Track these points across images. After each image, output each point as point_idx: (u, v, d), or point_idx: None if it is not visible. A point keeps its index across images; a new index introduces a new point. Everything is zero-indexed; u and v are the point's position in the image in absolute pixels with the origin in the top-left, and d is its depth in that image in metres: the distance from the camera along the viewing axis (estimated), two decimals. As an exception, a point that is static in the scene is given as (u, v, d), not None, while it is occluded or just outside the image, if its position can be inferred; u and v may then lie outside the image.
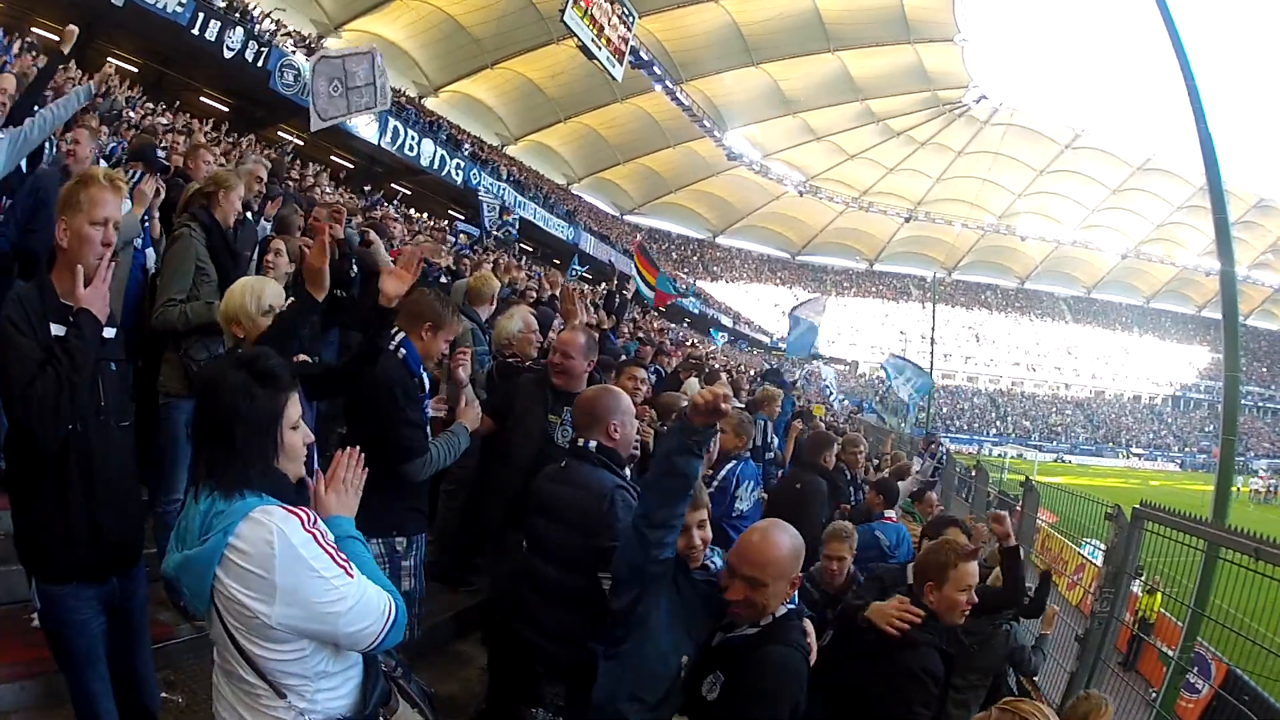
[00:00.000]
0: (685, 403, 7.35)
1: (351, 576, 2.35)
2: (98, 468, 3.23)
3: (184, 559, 2.31)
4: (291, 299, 4.07)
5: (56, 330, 3.13)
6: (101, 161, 9.05)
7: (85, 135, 6.70)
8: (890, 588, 4.50)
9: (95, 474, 3.23)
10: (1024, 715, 2.67)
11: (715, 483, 6.17)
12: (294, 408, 2.56)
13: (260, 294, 3.89)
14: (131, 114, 18.17)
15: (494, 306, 7.46)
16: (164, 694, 4.35)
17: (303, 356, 4.45)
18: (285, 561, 2.24)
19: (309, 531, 2.32)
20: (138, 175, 6.82)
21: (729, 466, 6.26)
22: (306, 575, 2.26)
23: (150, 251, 6.18)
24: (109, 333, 3.36)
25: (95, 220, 3.22)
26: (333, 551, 2.35)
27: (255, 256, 6.04)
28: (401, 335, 4.56)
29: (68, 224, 3.20)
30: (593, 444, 4.01)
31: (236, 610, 2.26)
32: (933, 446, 24.38)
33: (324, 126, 11.51)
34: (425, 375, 4.65)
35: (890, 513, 7.44)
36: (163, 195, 6.60)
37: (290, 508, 2.35)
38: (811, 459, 7.84)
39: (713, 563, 3.71)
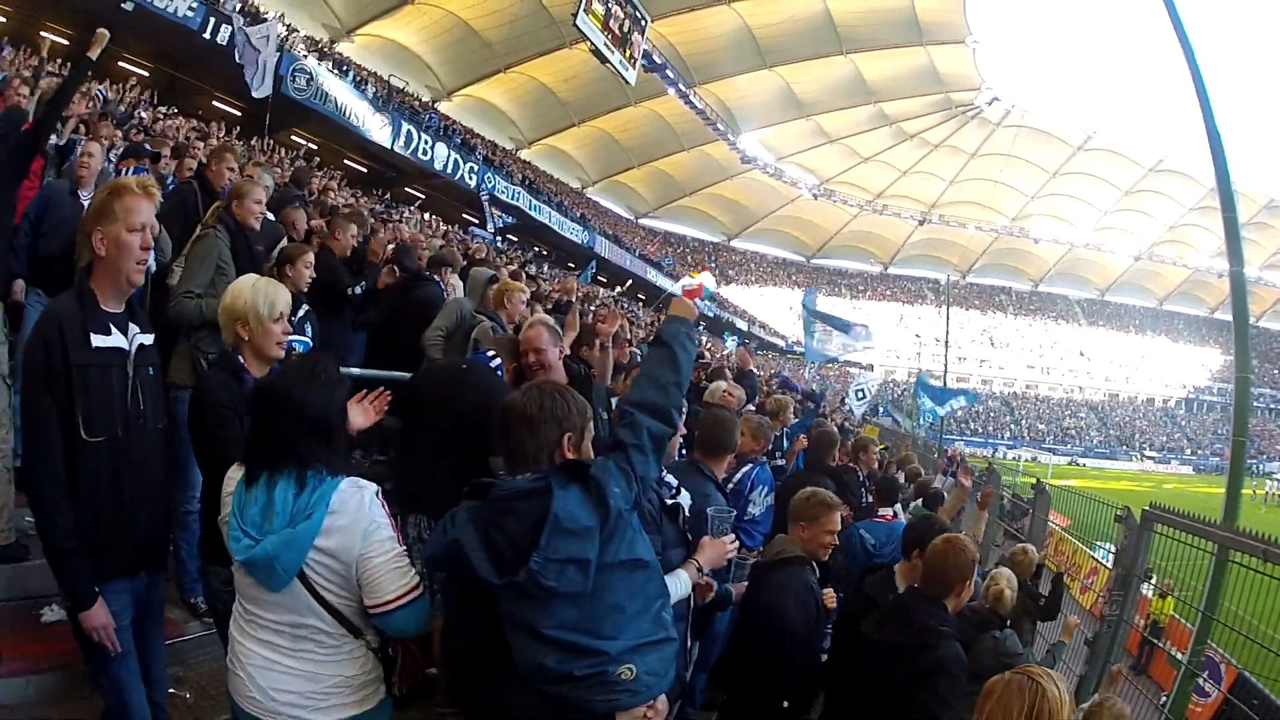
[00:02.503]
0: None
1: (401, 545, 2.80)
2: (136, 470, 3.34)
3: (290, 537, 2.65)
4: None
5: (99, 341, 3.21)
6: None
7: (97, 149, 6.74)
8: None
9: (134, 476, 3.33)
10: (1035, 677, 2.67)
11: (731, 484, 6.15)
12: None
13: (274, 300, 3.85)
14: (144, 115, 18.28)
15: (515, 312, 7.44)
16: (172, 690, 4.38)
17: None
18: (372, 518, 2.72)
19: (382, 502, 2.79)
20: (133, 171, 6.89)
21: (745, 469, 6.24)
22: (381, 532, 2.73)
23: (149, 252, 6.22)
24: (146, 339, 3.46)
25: (133, 227, 3.29)
26: (392, 523, 2.80)
27: (275, 263, 6.05)
28: (499, 360, 5.11)
29: (104, 233, 3.24)
30: None
31: (330, 566, 2.69)
32: (955, 464, 24.02)
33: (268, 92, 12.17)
34: None
35: (886, 510, 7.39)
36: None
37: (370, 483, 2.82)
38: (818, 461, 7.87)
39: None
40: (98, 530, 3.19)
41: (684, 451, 5.18)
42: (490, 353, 5.11)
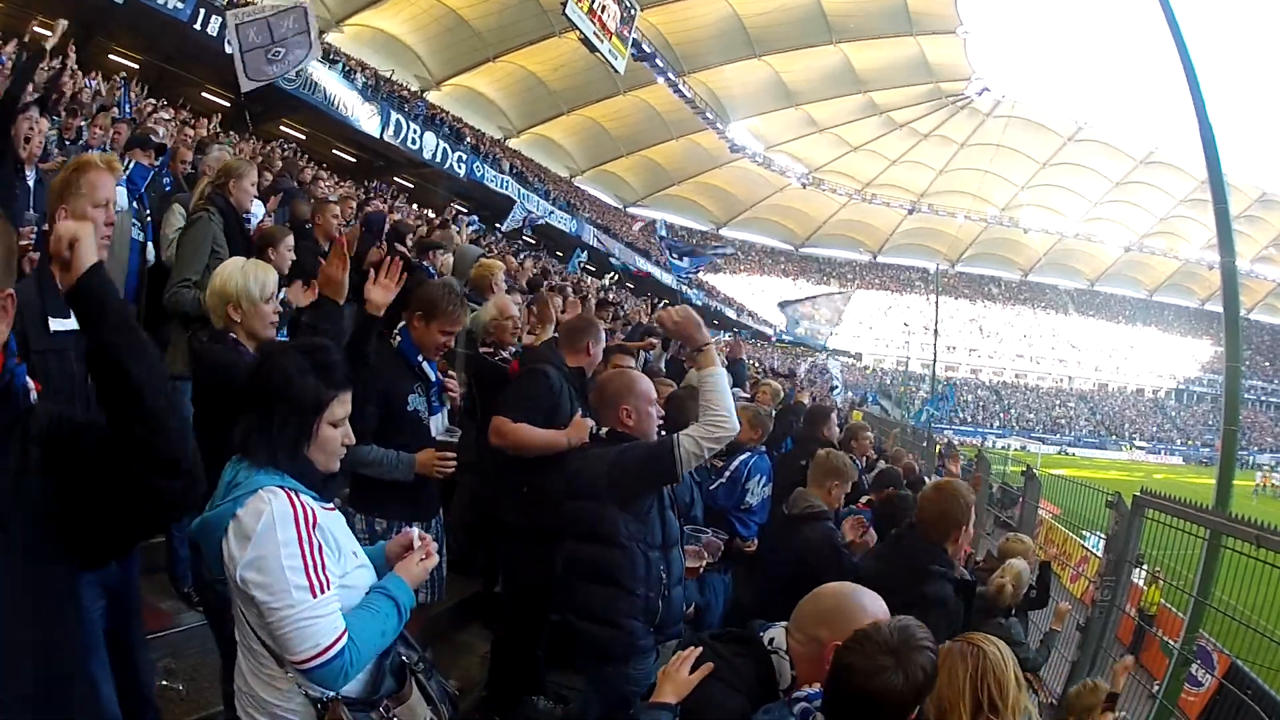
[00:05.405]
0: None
1: (314, 596, 2.33)
2: None
3: (202, 521, 2.43)
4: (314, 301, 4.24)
5: (57, 325, 3.14)
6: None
7: (45, 123, 6.56)
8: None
9: None
10: (975, 642, 2.69)
11: (728, 473, 6.13)
12: (340, 406, 2.61)
13: (265, 281, 3.87)
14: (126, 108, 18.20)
15: (503, 292, 7.39)
16: (164, 681, 4.35)
17: None
18: (264, 540, 2.29)
19: (298, 530, 2.36)
20: (137, 165, 6.80)
21: (741, 458, 6.21)
22: (273, 563, 2.29)
23: (150, 244, 6.17)
24: None
25: (98, 203, 3.26)
26: (310, 562, 2.35)
27: (257, 246, 6.03)
28: (401, 323, 4.65)
29: (69, 210, 3.16)
30: (604, 431, 4.10)
31: (229, 574, 2.34)
32: (951, 455, 23.66)
33: (254, 88, 11.74)
34: (426, 365, 4.58)
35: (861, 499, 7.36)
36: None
37: (296, 502, 2.38)
38: (811, 433, 7.83)
39: None
40: None
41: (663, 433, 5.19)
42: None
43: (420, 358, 4.53)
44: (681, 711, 2.67)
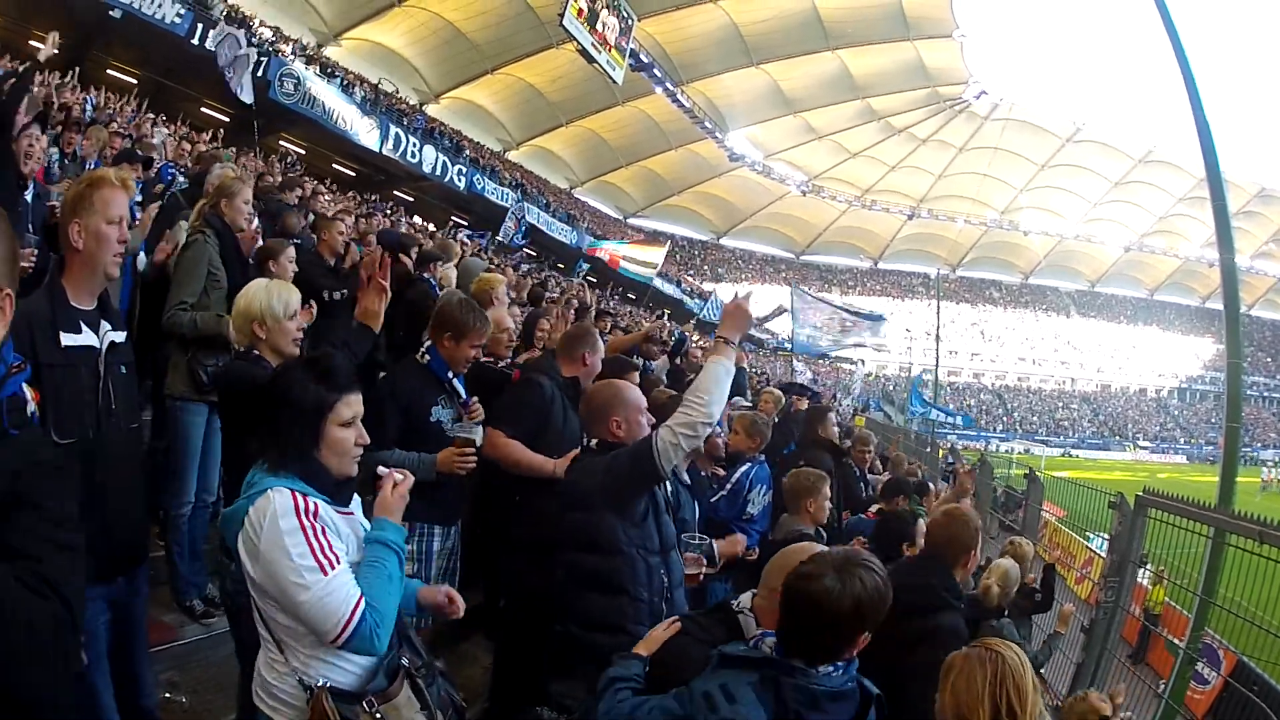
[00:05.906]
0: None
1: (325, 574, 2.49)
2: (109, 470, 3.26)
3: (223, 515, 2.70)
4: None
5: (69, 340, 3.13)
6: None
7: (44, 139, 6.58)
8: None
9: (106, 476, 3.24)
10: (993, 647, 2.68)
11: (729, 484, 6.12)
12: (347, 408, 2.76)
13: (287, 300, 4.00)
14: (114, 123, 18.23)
15: (501, 306, 7.41)
16: (168, 694, 4.37)
17: None
18: (269, 534, 2.48)
19: (300, 521, 2.52)
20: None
21: (743, 469, 6.21)
22: (280, 554, 2.47)
23: (142, 255, 6.18)
24: (118, 336, 3.38)
25: (111, 219, 3.23)
26: (316, 544, 2.52)
27: (257, 260, 6.03)
28: (429, 343, 4.74)
29: (82, 225, 3.18)
30: (594, 443, 4.07)
31: (244, 568, 2.55)
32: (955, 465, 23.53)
33: (251, 94, 12.84)
34: (457, 381, 4.73)
35: (873, 507, 7.41)
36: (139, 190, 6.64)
37: (298, 495, 2.56)
38: (811, 435, 7.83)
39: None
40: None
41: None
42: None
43: (450, 374, 4.69)
44: (653, 662, 2.92)
